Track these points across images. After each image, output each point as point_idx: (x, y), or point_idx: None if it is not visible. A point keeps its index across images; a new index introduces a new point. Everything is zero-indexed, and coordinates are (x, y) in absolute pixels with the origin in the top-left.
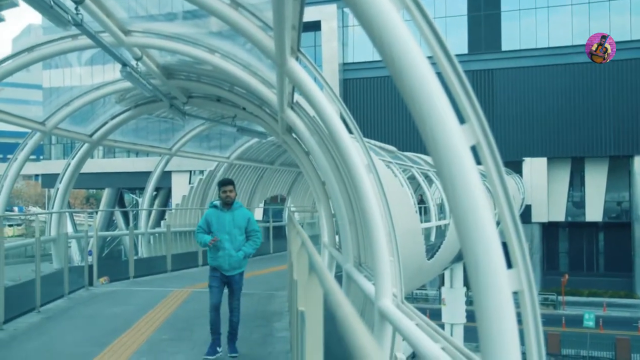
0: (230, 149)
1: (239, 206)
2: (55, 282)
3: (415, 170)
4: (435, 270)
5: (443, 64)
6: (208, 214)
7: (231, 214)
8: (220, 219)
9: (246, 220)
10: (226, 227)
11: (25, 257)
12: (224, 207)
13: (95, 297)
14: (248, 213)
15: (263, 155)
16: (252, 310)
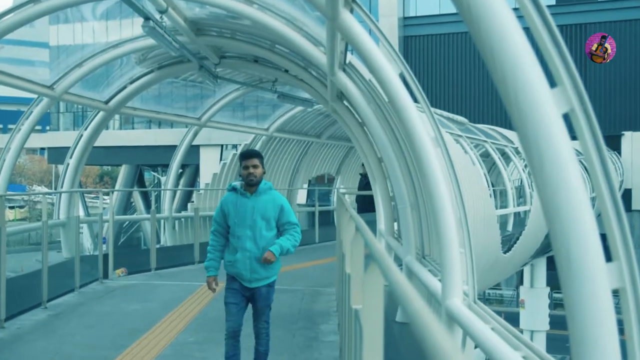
0: (269, 119)
1: (267, 188)
2: (64, 274)
3: (490, 146)
4: (513, 266)
5: (531, 15)
6: (224, 201)
7: (255, 200)
8: (240, 207)
9: (278, 208)
10: (248, 218)
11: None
12: (246, 191)
13: (111, 292)
14: (280, 199)
15: (308, 126)
16: (294, 310)
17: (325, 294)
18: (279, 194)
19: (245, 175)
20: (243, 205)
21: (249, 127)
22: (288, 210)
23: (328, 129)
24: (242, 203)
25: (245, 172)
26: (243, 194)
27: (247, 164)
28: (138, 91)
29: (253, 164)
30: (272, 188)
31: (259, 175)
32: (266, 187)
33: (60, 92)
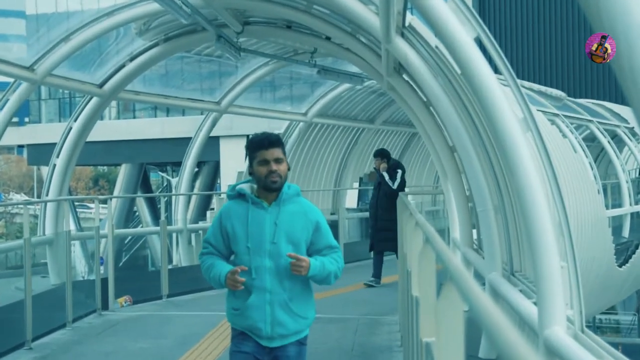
0: (307, 101)
1: (294, 195)
2: (53, 305)
3: (596, 127)
4: (631, 284)
5: None
6: (225, 213)
7: (277, 213)
8: (254, 224)
9: (312, 226)
10: (266, 241)
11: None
12: (260, 198)
13: (112, 327)
14: (314, 212)
15: (357, 109)
16: (345, 346)
17: (385, 323)
18: (311, 205)
19: (263, 174)
20: (257, 221)
21: (281, 112)
22: (326, 229)
23: (383, 111)
24: (256, 217)
25: (264, 170)
26: (257, 202)
27: (267, 157)
28: (140, 70)
29: (275, 157)
30: (301, 194)
31: (284, 175)
32: (292, 192)
33: (42, 75)
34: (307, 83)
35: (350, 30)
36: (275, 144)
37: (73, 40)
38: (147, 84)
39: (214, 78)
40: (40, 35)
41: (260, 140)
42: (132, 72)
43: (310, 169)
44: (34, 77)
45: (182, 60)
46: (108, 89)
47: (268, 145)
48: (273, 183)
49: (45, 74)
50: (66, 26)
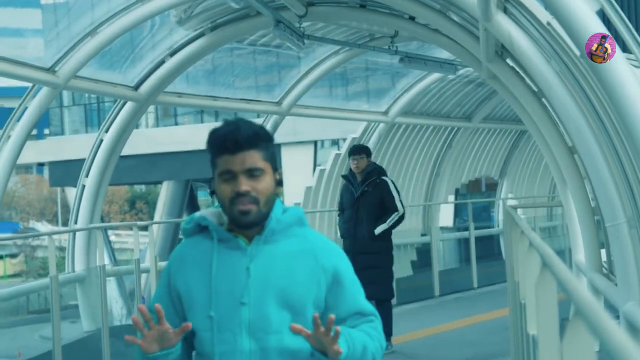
0: (387, 97)
1: (291, 222)
2: (86, 357)
3: None
4: None
5: None
6: (174, 262)
7: (260, 255)
8: (222, 275)
9: (325, 276)
10: (242, 304)
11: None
12: (233, 233)
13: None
14: (327, 251)
15: (450, 104)
16: None
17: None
18: (324, 240)
19: (226, 196)
20: (228, 270)
21: (356, 111)
22: (353, 282)
23: (482, 105)
24: (226, 264)
25: (227, 190)
26: (227, 239)
27: (231, 166)
28: (182, 67)
29: (248, 167)
30: (305, 222)
31: (266, 198)
32: (289, 219)
33: (65, 77)
34: (387, 74)
35: (440, 7)
36: (248, 143)
37: (100, 34)
38: (191, 83)
39: (272, 73)
40: (61, 30)
41: (221, 137)
42: (173, 70)
43: (394, 179)
44: (55, 80)
45: (232, 53)
46: (145, 91)
47: (234, 147)
48: (242, 214)
49: (69, 76)
50: (91, 17)
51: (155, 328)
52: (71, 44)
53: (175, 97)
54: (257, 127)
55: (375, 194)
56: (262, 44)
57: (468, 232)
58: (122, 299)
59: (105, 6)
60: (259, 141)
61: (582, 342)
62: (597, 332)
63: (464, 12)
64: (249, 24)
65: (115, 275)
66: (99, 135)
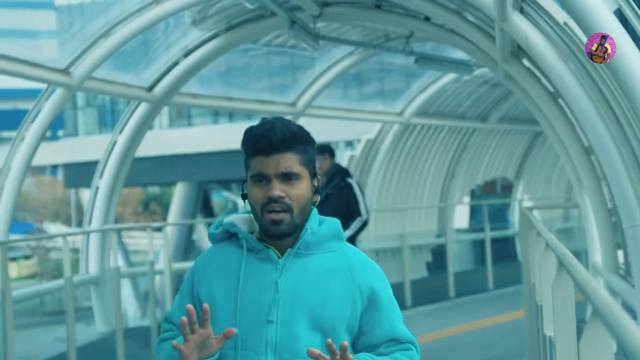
0: (402, 97)
1: (327, 236)
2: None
3: None
4: None
5: None
6: (199, 269)
7: (292, 271)
8: (250, 289)
9: (360, 296)
10: (270, 322)
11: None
12: (264, 244)
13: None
14: (365, 268)
15: (466, 105)
16: None
17: None
18: (361, 256)
19: (258, 202)
20: (257, 285)
21: (371, 112)
22: (390, 304)
23: (498, 106)
24: (255, 277)
25: (259, 195)
26: (257, 249)
27: (264, 169)
28: (197, 68)
29: (282, 171)
30: (342, 235)
31: (301, 205)
32: (325, 232)
33: (79, 78)
34: (402, 75)
35: (455, 7)
36: (283, 145)
37: (115, 35)
38: (205, 84)
39: (287, 74)
40: (75, 31)
41: (255, 137)
42: (188, 71)
43: (408, 182)
44: (70, 81)
45: (246, 54)
46: (159, 92)
47: (268, 148)
48: (273, 224)
49: (83, 78)
50: (105, 19)
51: (200, 332)
52: (85, 45)
53: (190, 98)
54: (295, 128)
55: (340, 197)
56: (276, 45)
57: (483, 234)
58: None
59: (119, 7)
60: (296, 143)
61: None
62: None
63: (479, 12)
64: (263, 24)
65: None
66: (113, 137)
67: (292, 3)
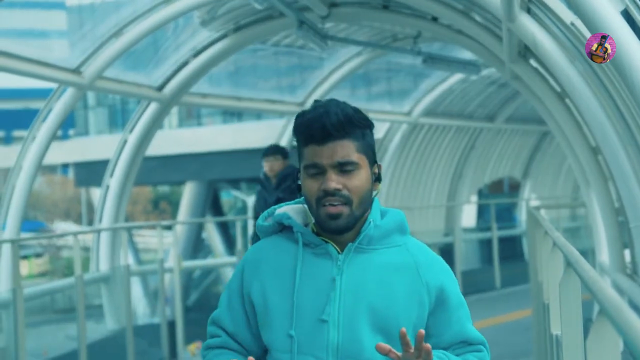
0: (410, 97)
1: (391, 229)
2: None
3: None
4: None
5: None
6: (249, 264)
7: (354, 267)
8: (308, 286)
9: (428, 295)
10: (330, 323)
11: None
12: (322, 238)
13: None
14: (433, 266)
15: (473, 105)
16: None
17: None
18: (429, 252)
19: (313, 194)
20: (315, 282)
21: (379, 112)
22: (459, 304)
23: (506, 106)
24: (313, 274)
25: (314, 187)
26: (315, 244)
27: (318, 159)
28: (206, 68)
29: (339, 160)
30: (407, 229)
31: (361, 197)
32: (389, 226)
33: (90, 78)
34: (409, 75)
35: (463, 7)
36: (339, 131)
37: (125, 35)
38: (215, 84)
39: (295, 74)
40: (86, 31)
41: (307, 124)
42: (197, 71)
43: (416, 181)
44: (81, 81)
45: (255, 54)
46: (169, 92)
47: (321, 135)
48: (330, 218)
49: (94, 77)
50: (116, 19)
51: None
52: (96, 45)
53: (199, 98)
54: (351, 111)
55: (291, 200)
56: (285, 45)
57: (491, 233)
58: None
59: (129, 8)
60: (352, 128)
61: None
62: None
63: (487, 12)
64: (272, 25)
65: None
66: (124, 136)
67: (301, 3)
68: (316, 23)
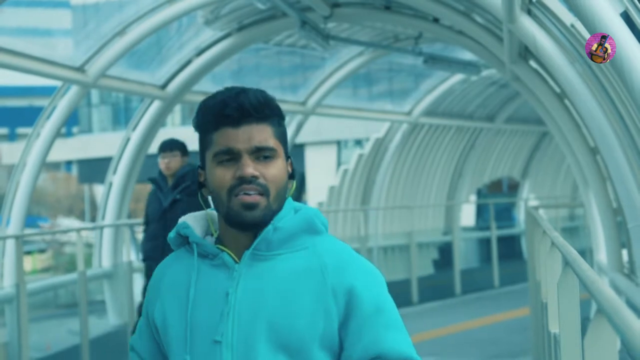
0: (411, 97)
1: (298, 228)
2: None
3: None
4: None
5: None
6: (155, 283)
7: (254, 274)
8: (201, 302)
9: (335, 302)
10: (226, 342)
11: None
12: (224, 243)
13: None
14: (341, 267)
15: (473, 105)
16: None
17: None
18: (339, 249)
19: (225, 184)
20: (209, 297)
21: (380, 111)
22: (374, 308)
23: (505, 107)
24: (208, 289)
25: (227, 176)
26: (210, 254)
27: (232, 143)
28: (209, 67)
29: (256, 145)
30: (318, 228)
31: (278, 188)
32: (293, 225)
33: (94, 76)
34: (410, 75)
35: (464, 8)
36: (258, 112)
37: (129, 34)
38: (218, 82)
39: (297, 73)
40: (90, 30)
41: (220, 104)
42: (200, 69)
43: (416, 180)
44: (85, 79)
45: (258, 54)
46: (172, 90)
47: (238, 115)
48: (245, 208)
49: (98, 75)
50: (120, 18)
51: None
52: (100, 44)
53: (202, 97)
54: (268, 95)
55: (190, 204)
56: (287, 45)
57: (490, 232)
58: None
59: (133, 7)
60: (271, 112)
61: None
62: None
63: (488, 13)
64: (275, 24)
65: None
66: (127, 134)
67: (303, 4)
68: (318, 23)
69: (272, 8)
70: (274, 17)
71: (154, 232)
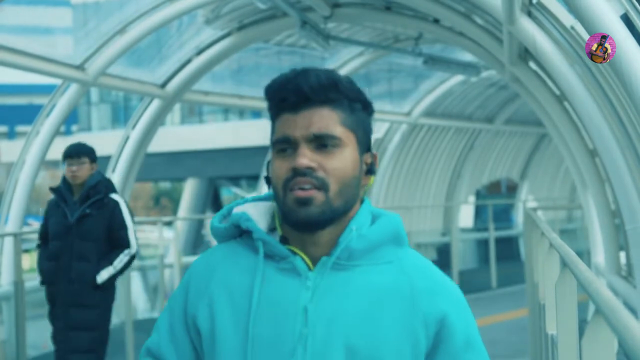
0: (410, 98)
1: (381, 239)
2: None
3: None
4: None
5: None
6: (195, 278)
7: (331, 286)
8: (270, 313)
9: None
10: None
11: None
12: (292, 244)
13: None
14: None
15: (473, 106)
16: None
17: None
18: (430, 269)
19: (280, 178)
20: (278, 308)
21: (379, 112)
22: (465, 342)
23: (505, 108)
24: (277, 297)
25: (283, 168)
26: (280, 256)
27: (289, 131)
28: (209, 66)
29: (315, 132)
30: (404, 239)
31: (341, 184)
32: (380, 233)
33: (94, 74)
34: (410, 76)
35: (464, 9)
36: (319, 95)
37: (129, 32)
38: (217, 81)
39: None
40: (90, 28)
41: (279, 86)
42: (200, 69)
43: (415, 181)
44: (85, 77)
45: (258, 53)
46: (171, 89)
47: (296, 99)
48: (298, 203)
49: (98, 74)
50: (120, 16)
51: None
52: (100, 42)
53: (202, 96)
54: (338, 76)
55: (101, 219)
56: (288, 45)
57: (488, 233)
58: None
59: (134, 5)
60: (337, 95)
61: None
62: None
63: (488, 15)
64: (275, 24)
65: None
66: (126, 132)
67: (304, 4)
68: (319, 23)
69: (272, 8)
70: (274, 17)
71: (56, 251)
